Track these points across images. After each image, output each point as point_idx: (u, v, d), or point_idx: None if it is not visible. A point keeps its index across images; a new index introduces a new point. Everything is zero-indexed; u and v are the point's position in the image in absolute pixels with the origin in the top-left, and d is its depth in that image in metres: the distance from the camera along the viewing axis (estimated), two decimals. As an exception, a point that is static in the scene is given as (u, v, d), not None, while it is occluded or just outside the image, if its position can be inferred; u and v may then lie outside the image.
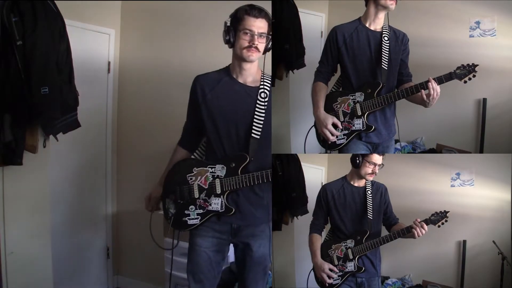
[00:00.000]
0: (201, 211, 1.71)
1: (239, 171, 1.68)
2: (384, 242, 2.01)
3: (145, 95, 3.07)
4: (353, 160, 2.07)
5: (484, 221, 2.79)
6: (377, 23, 1.96)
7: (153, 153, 2.96)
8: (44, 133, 2.10)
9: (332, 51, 2.01)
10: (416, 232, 1.90)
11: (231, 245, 1.83)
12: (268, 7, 2.45)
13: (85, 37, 2.79)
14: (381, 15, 1.94)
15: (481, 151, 2.75)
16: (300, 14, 2.74)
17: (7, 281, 2.05)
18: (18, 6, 1.90)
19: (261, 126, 1.68)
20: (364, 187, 2.10)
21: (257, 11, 1.65)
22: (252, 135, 1.67)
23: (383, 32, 1.94)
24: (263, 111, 1.68)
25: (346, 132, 1.97)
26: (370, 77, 1.95)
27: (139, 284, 3.11)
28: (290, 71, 2.81)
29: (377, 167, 2.05)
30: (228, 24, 1.69)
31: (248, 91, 1.71)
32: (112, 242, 3.15)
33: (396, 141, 2.75)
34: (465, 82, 1.83)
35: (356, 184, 2.12)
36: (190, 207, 1.72)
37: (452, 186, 2.90)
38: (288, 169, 2.61)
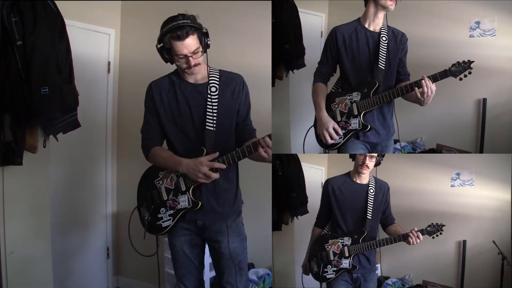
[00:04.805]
0: (172, 211, 1.75)
1: None
2: (380, 245, 2.03)
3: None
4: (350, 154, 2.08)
5: (484, 221, 2.79)
6: (376, 23, 1.95)
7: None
8: (44, 133, 2.10)
9: (332, 52, 2.01)
10: (411, 241, 1.93)
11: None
12: (268, 7, 2.49)
13: (85, 37, 2.79)
14: (381, 15, 1.94)
15: (481, 151, 2.75)
16: (300, 14, 2.74)
17: (7, 281, 2.05)
18: (18, 6, 1.90)
19: (215, 117, 1.69)
20: (367, 184, 2.09)
21: (181, 32, 1.61)
22: (206, 127, 1.69)
23: (381, 33, 1.94)
24: (216, 103, 1.70)
25: (344, 131, 1.97)
26: (369, 77, 1.95)
27: (139, 284, 3.11)
28: (290, 71, 2.81)
29: (368, 159, 2.01)
30: (159, 46, 1.67)
31: (198, 88, 1.74)
32: (112, 242, 3.15)
33: (396, 141, 2.75)
34: (461, 79, 1.81)
35: (358, 181, 2.11)
36: (161, 210, 1.76)
37: (452, 186, 2.90)
38: (288, 169, 2.61)
